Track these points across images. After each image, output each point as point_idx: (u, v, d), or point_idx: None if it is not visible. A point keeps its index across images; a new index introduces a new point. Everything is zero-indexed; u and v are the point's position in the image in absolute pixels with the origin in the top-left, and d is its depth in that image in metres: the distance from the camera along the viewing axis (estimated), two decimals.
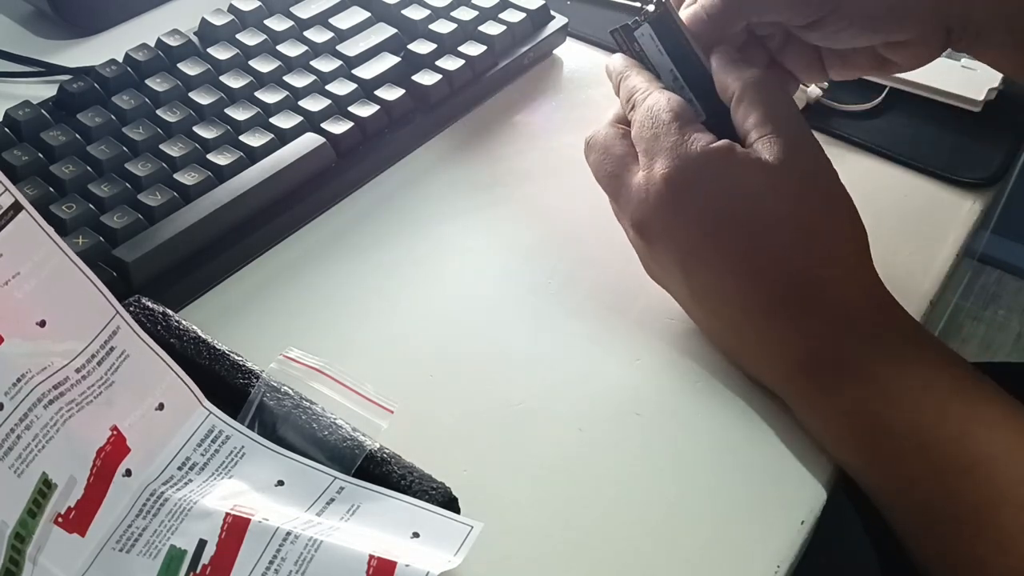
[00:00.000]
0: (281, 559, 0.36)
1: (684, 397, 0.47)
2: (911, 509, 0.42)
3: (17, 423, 0.37)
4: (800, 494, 0.44)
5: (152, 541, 0.38)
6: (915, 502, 0.42)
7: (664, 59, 0.48)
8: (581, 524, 0.43)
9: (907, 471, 0.42)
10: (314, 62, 0.60)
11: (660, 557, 0.42)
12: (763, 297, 0.45)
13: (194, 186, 0.51)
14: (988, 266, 1.81)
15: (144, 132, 0.53)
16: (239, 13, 0.61)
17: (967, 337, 1.71)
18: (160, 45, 0.59)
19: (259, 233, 0.53)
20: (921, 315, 0.52)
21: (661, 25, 0.47)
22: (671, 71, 0.48)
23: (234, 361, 0.43)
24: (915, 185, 0.60)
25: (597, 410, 0.47)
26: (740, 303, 0.45)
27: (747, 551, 0.42)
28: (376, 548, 0.36)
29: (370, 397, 0.42)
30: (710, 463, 0.45)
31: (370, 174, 0.58)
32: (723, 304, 0.46)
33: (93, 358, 0.39)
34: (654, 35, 0.48)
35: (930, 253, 0.55)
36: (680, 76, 0.48)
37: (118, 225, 0.49)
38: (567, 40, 0.68)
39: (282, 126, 0.55)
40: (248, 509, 0.38)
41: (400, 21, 0.63)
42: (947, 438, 0.41)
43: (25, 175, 0.50)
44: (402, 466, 0.40)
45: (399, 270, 0.53)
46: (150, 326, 0.44)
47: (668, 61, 0.48)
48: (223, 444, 0.41)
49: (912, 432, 0.42)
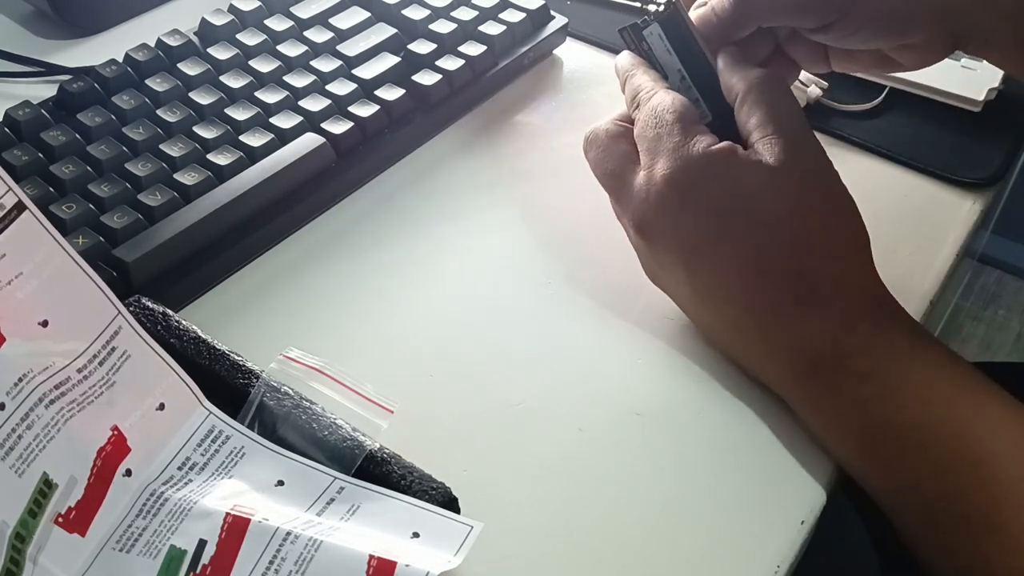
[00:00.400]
0: (281, 559, 0.36)
1: (684, 397, 0.47)
2: (914, 508, 0.42)
3: (18, 423, 0.37)
4: (800, 494, 0.44)
5: (152, 541, 0.38)
6: (918, 501, 0.42)
7: (672, 59, 0.48)
8: (581, 524, 0.43)
9: (910, 470, 0.42)
10: (314, 62, 0.60)
11: (660, 557, 0.42)
12: (766, 296, 0.45)
13: (194, 186, 0.51)
14: (988, 266, 1.81)
15: (144, 132, 0.53)
16: (239, 13, 0.61)
17: (967, 337, 1.71)
18: (160, 45, 0.59)
19: (259, 233, 0.53)
20: (921, 315, 0.52)
21: (670, 25, 0.48)
22: (679, 71, 0.48)
23: (234, 361, 0.43)
24: (915, 185, 0.60)
25: (597, 410, 0.47)
26: (743, 302, 0.45)
27: (747, 551, 0.42)
28: (376, 548, 0.36)
29: (370, 397, 0.42)
30: (710, 463, 0.45)
31: (370, 174, 0.58)
32: (726, 303, 0.46)
33: (95, 358, 0.39)
34: (663, 35, 0.48)
35: (930, 253, 0.55)
36: (687, 76, 0.49)
37: (118, 225, 0.49)
38: (567, 40, 0.68)
39: (282, 126, 0.55)
40: (248, 509, 0.38)
41: (400, 21, 0.63)
42: (949, 436, 0.41)
43: (25, 175, 0.50)
44: (402, 466, 0.40)
45: (399, 270, 0.53)
46: (150, 326, 0.44)
47: (676, 61, 0.48)
48: (223, 444, 0.41)
49: (914, 431, 0.42)
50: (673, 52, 0.48)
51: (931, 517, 0.42)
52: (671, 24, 0.48)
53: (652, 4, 0.48)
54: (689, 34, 0.48)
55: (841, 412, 0.44)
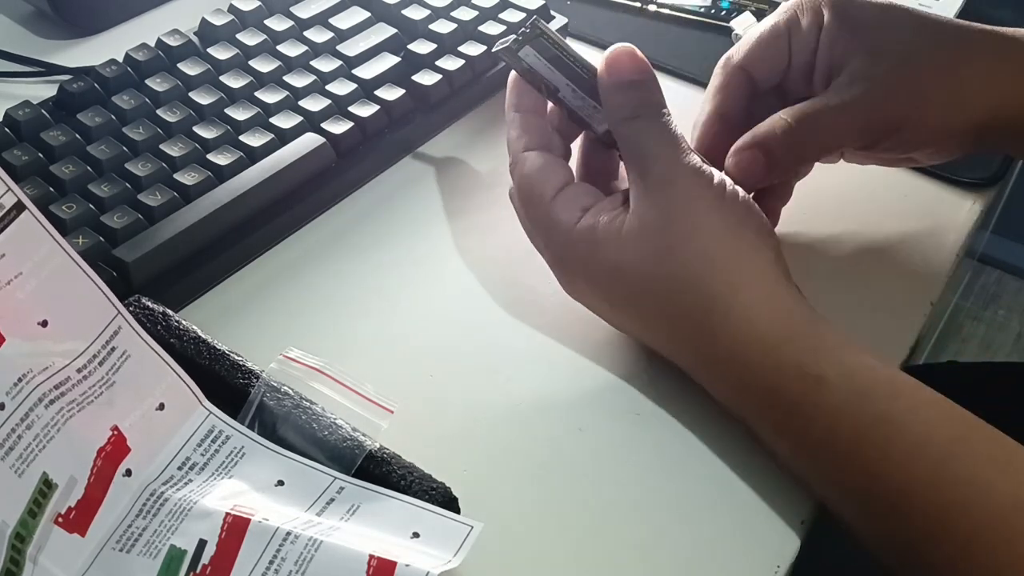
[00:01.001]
0: (281, 559, 0.36)
1: (684, 397, 0.47)
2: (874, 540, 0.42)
3: (18, 423, 0.37)
4: (800, 494, 0.44)
5: (152, 541, 0.38)
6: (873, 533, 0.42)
7: (556, 75, 0.47)
8: (581, 524, 0.43)
9: (849, 513, 0.42)
10: (314, 62, 0.60)
11: (660, 557, 0.42)
12: (677, 351, 0.46)
13: (194, 186, 0.51)
14: (988, 266, 1.81)
15: (144, 132, 0.53)
16: (239, 13, 0.61)
17: (967, 337, 1.71)
18: (160, 45, 0.59)
19: (259, 233, 0.53)
20: (921, 315, 0.52)
21: (540, 44, 0.46)
22: (567, 84, 0.47)
23: (234, 361, 0.43)
24: (915, 185, 0.60)
25: (597, 410, 0.47)
26: (669, 356, 0.47)
27: (747, 551, 0.42)
28: (376, 548, 0.36)
29: (370, 397, 0.42)
30: (710, 463, 0.45)
31: (370, 174, 0.58)
32: (653, 349, 0.48)
33: (95, 358, 0.39)
34: (538, 55, 0.47)
35: (930, 253, 0.55)
36: (576, 88, 0.47)
37: (118, 225, 0.49)
38: (567, 40, 0.68)
39: (282, 126, 0.55)
40: (248, 509, 0.38)
41: (400, 21, 0.63)
42: (868, 480, 0.41)
43: (25, 175, 0.50)
44: (402, 466, 0.40)
45: (399, 270, 0.53)
46: (150, 326, 0.44)
47: (560, 76, 0.47)
48: (223, 444, 0.41)
49: (837, 480, 0.42)
50: (554, 69, 0.47)
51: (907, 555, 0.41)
52: (540, 44, 0.46)
53: (522, 30, 0.46)
54: (561, 48, 0.47)
55: (788, 455, 0.44)
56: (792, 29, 0.50)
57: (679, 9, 0.72)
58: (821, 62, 0.50)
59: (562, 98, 0.48)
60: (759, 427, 0.44)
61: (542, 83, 0.48)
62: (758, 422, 0.44)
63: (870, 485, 0.40)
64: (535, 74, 0.47)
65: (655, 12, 0.72)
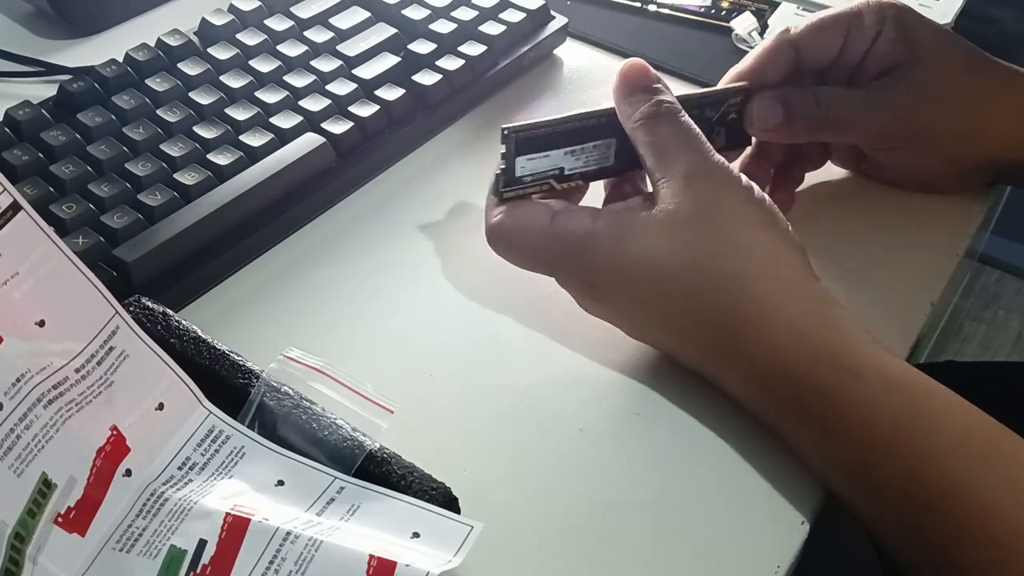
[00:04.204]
0: (281, 559, 0.36)
1: (684, 397, 0.47)
2: (895, 534, 0.42)
3: (17, 423, 0.37)
4: (800, 494, 0.44)
5: (152, 541, 0.38)
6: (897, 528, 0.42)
7: (556, 153, 0.47)
8: (581, 524, 0.43)
9: (871, 507, 0.42)
10: (314, 62, 0.60)
11: (660, 557, 0.42)
12: (699, 352, 0.46)
13: (194, 186, 0.51)
14: (988, 266, 1.81)
15: (144, 132, 0.53)
16: (239, 13, 0.61)
17: (967, 337, 1.71)
18: (160, 45, 0.59)
19: (259, 233, 0.53)
20: (921, 315, 0.52)
21: (522, 140, 0.46)
22: (566, 153, 0.48)
23: (234, 361, 0.43)
24: None
25: (597, 410, 0.47)
26: (685, 358, 0.47)
27: (747, 551, 0.42)
28: (376, 548, 0.36)
29: (370, 397, 0.42)
30: (710, 463, 0.45)
31: (370, 174, 0.58)
32: (676, 356, 0.48)
33: (92, 358, 0.39)
34: (529, 155, 0.47)
35: (930, 253, 0.55)
36: (575, 148, 0.48)
37: (118, 225, 0.49)
38: (567, 40, 0.68)
39: (282, 126, 0.55)
40: (248, 509, 0.38)
41: (400, 21, 0.63)
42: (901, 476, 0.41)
43: (25, 175, 0.50)
44: (402, 466, 0.40)
45: (399, 270, 0.53)
46: (150, 326, 0.44)
47: (559, 152, 0.47)
48: (223, 444, 0.41)
49: (864, 472, 0.42)
50: (549, 152, 0.47)
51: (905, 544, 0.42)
52: (522, 140, 0.46)
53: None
54: (540, 125, 0.47)
55: (805, 447, 0.44)
56: (854, 23, 0.52)
57: (679, 9, 0.72)
58: (870, 62, 0.52)
59: (570, 173, 0.48)
60: (782, 417, 0.44)
61: (548, 181, 0.48)
62: (782, 411, 0.44)
63: (905, 483, 0.40)
64: (541, 175, 0.48)
65: (655, 12, 0.72)
